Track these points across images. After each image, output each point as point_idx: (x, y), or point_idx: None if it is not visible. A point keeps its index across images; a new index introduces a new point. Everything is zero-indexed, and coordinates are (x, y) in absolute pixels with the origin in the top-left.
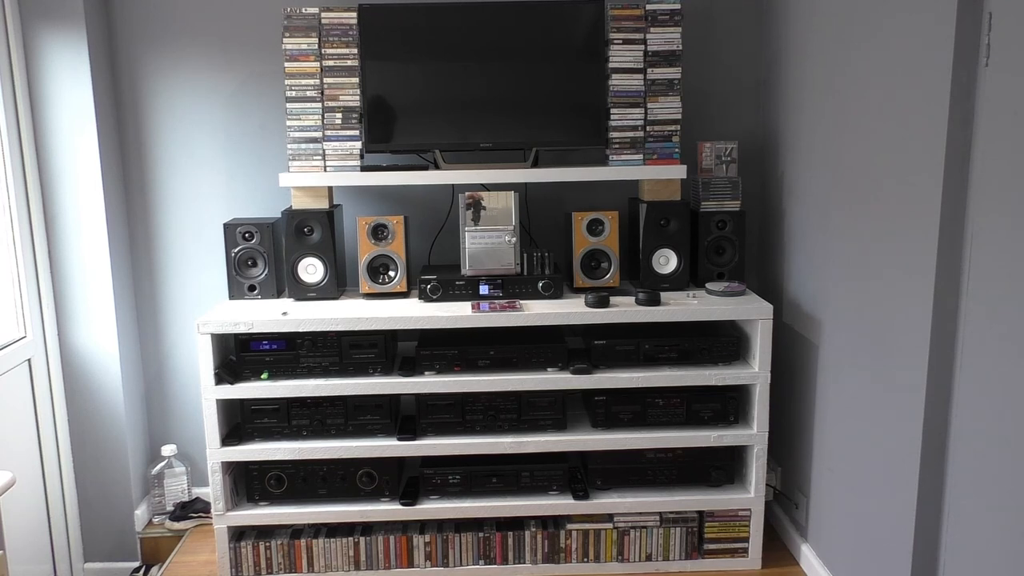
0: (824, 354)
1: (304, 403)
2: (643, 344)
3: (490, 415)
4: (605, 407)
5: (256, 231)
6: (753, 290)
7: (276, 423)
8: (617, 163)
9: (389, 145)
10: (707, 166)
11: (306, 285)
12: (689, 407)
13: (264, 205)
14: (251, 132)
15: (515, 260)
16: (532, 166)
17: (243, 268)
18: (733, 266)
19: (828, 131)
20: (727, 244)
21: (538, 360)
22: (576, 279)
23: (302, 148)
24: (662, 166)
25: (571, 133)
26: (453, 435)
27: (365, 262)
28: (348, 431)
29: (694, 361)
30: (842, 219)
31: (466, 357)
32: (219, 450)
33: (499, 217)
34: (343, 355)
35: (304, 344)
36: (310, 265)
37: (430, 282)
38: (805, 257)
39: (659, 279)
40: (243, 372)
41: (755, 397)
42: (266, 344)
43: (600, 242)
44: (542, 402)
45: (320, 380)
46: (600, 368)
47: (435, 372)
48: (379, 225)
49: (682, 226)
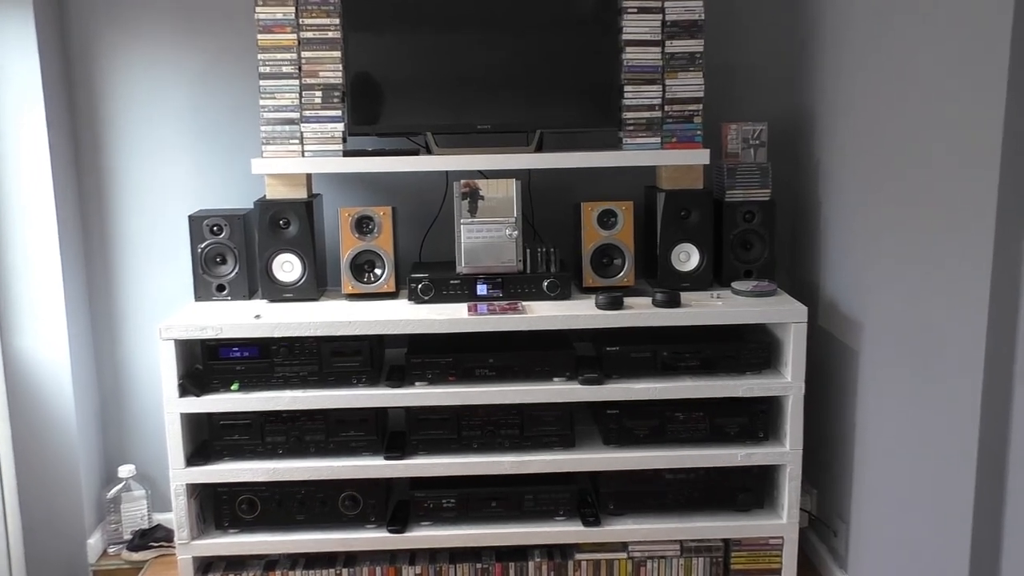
0: (866, 362)
1: (280, 417)
2: (661, 351)
3: (489, 431)
4: (618, 422)
5: (225, 224)
6: (785, 290)
7: (248, 440)
8: (632, 147)
9: (375, 127)
10: (733, 150)
11: (282, 285)
12: (713, 422)
13: (234, 195)
14: (220, 113)
15: (517, 256)
16: (536, 150)
17: (211, 266)
18: (762, 263)
19: (871, 112)
20: (755, 238)
21: (543, 369)
22: (585, 278)
23: (277, 131)
24: (682, 150)
25: (580, 113)
26: (447, 453)
27: (348, 259)
28: (329, 449)
29: (719, 370)
30: (887, 210)
31: (462, 366)
32: (183, 471)
33: (499, 208)
34: (323, 363)
35: (279, 351)
36: (286, 262)
37: (421, 281)
38: (844, 253)
39: (679, 277)
40: (211, 383)
41: (787, 411)
42: (237, 351)
43: (612, 236)
44: (547, 416)
45: (297, 392)
46: (613, 378)
47: (427, 382)
48: (364, 217)
49: (705, 218)
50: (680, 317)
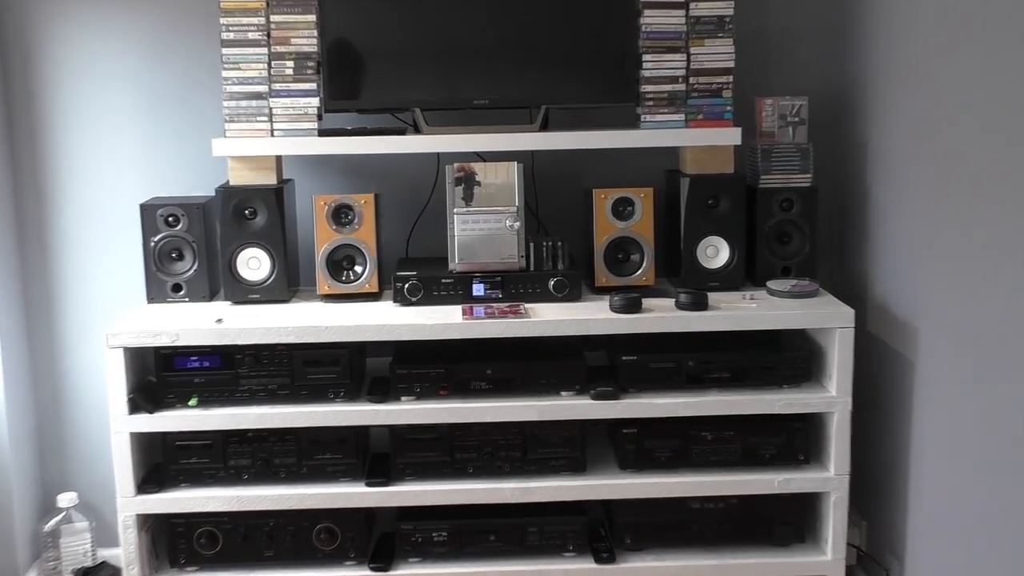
0: (923, 373)
1: (245, 437)
2: (685, 361)
3: (487, 453)
4: (636, 442)
5: (182, 214)
6: (828, 290)
7: (208, 464)
8: (651, 125)
9: (355, 102)
10: (768, 129)
11: (248, 284)
12: (746, 443)
13: (193, 180)
14: (177, 86)
15: (519, 251)
16: (540, 129)
17: (165, 262)
18: (802, 259)
19: (930, 84)
20: (794, 230)
21: (549, 381)
22: (598, 276)
23: (242, 106)
24: (710, 129)
25: (591, 86)
26: (439, 479)
27: (324, 254)
28: (302, 474)
29: (752, 382)
30: (947, 199)
31: (455, 377)
32: (133, 499)
33: (498, 195)
34: (295, 375)
35: (245, 361)
36: (253, 258)
37: (408, 280)
38: (898, 247)
39: (706, 275)
40: (165, 397)
41: (832, 429)
42: (196, 361)
43: (629, 228)
44: (554, 436)
45: (265, 408)
46: (629, 392)
47: (415, 397)
48: (342, 206)
49: (735, 207)
50: (707, 321)
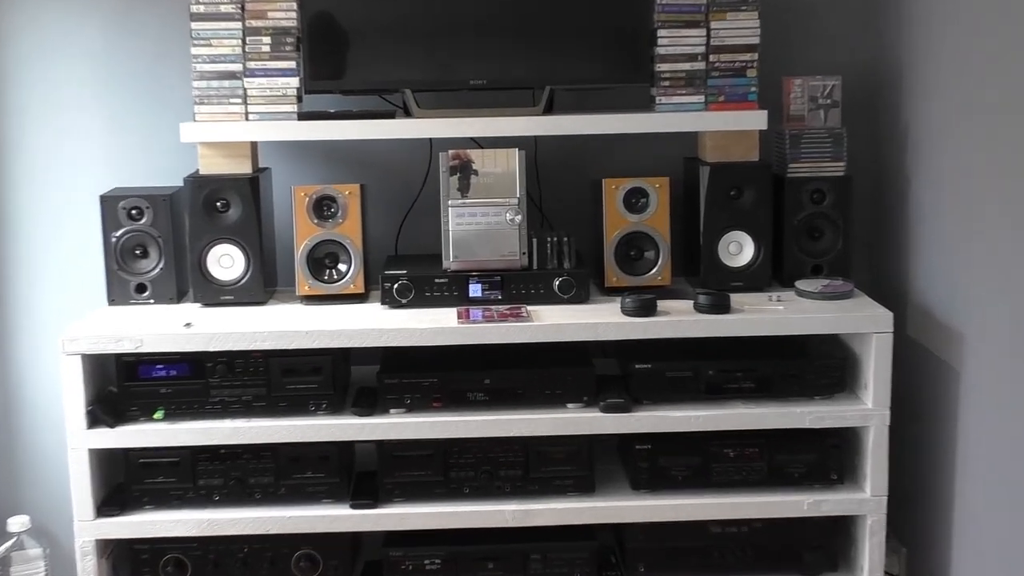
0: (969, 383)
1: (217, 454)
2: (705, 369)
3: (485, 472)
4: (650, 460)
5: (147, 206)
6: (863, 291)
7: (176, 483)
8: (667, 108)
9: (339, 83)
10: (797, 112)
11: (219, 284)
12: (772, 460)
13: (159, 169)
14: (141, 64)
15: (520, 248)
16: (544, 112)
17: (129, 260)
18: (834, 256)
19: (979, 62)
20: (826, 224)
21: (554, 392)
22: (608, 275)
23: (214, 87)
24: (732, 112)
25: (600, 65)
26: (431, 501)
27: (304, 251)
28: (280, 495)
29: (779, 394)
30: (1000, 190)
31: (450, 387)
32: (92, 523)
33: (497, 186)
34: (273, 385)
35: (217, 369)
36: (225, 255)
37: (398, 280)
38: (942, 243)
39: (728, 274)
40: (128, 410)
41: (868, 446)
42: (162, 369)
43: (643, 222)
44: (559, 453)
45: (239, 421)
46: (643, 403)
47: (405, 410)
48: (324, 198)
49: (761, 198)
50: (730, 326)
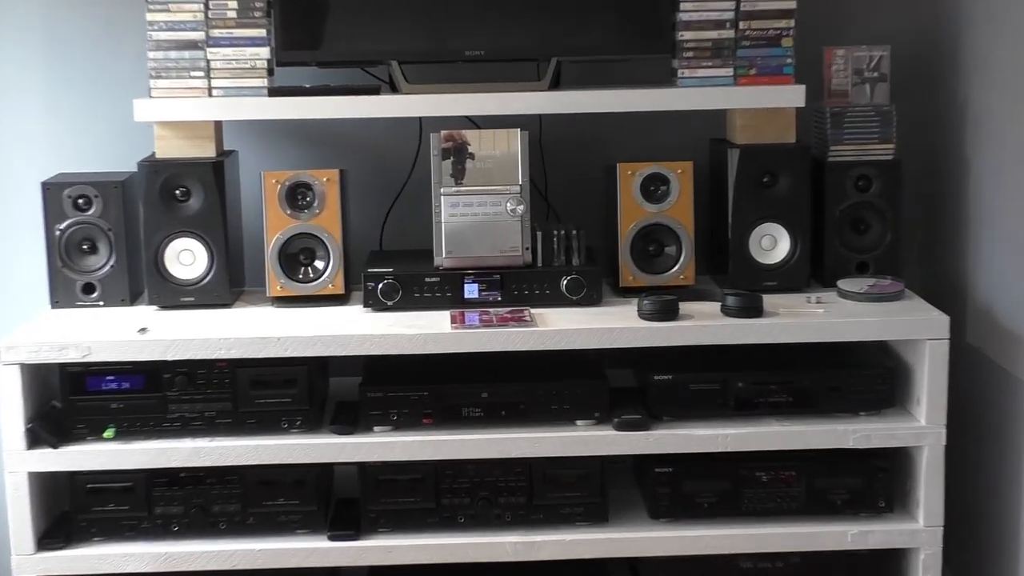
0: None
1: (175, 478)
2: (734, 381)
3: (482, 498)
4: (672, 485)
5: (96, 195)
6: (915, 291)
7: (128, 512)
8: (691, 82)
9: (315, 53)
10: (839, 87)
11: (179, 284)
12: (811, 485)
13: (109, 152)
14: (88, 32)
15: (522, 243)
16: (550, 88)
17: (75, 256)
18: (882, 252)
19: None
20: (873, 215)
21: (561, 407)
22: (623, 273)
23: (171, 58)
24: (766, 87)
25: (614, 33)
26: (421, 531)
27: (276, 246)
28: (248, 525)
29: (819, 409)
30: None
31: (442, 402)
32: (33, 557)
33: (497, 172)
34: (240, 399)
35: (176, 381)
36: (185, 251)
37: (383, 279)
38: (1006, 237)
39: (760, 273)
40: (74, 428)
41: (921, 468)
42: (113, 381)
43: (663, 212)
44: (567, 476)
45: (202, 441)
46: (663, 420)
47: (391, 427)
48: (299, 185)
49: (798, 186)
50: (762, 331)
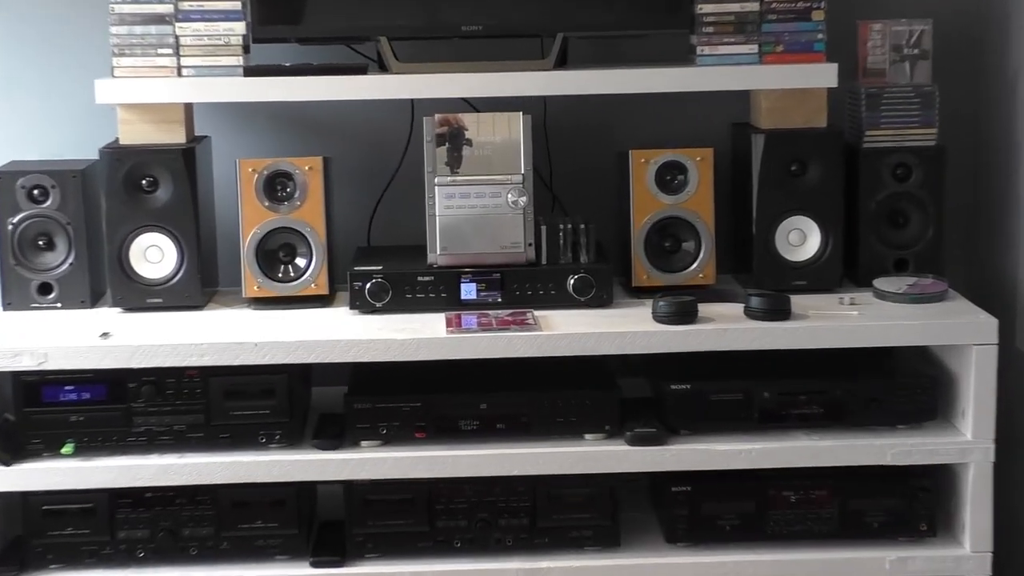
0: None
1: (141, 499)
2: (759, 391)
3: (481, 521)
4: (690, 506)
5: (53, 185)
6: (960, 291)
7: (89, 536)
8: (711, 60)
9: (296, 28)
10: (876, 65)
11: (145, 283)
12: (844, 507)
13: (67, 138)
14: (45, 6)
15: (525, 238)
16: (556, 66)
17: (29, 253)
18: (923, 247)
19: None
20: (913, 207)
21: (568, 419)
22: (637, 271)
23: (136, 34)
24: (794, 65)
25: (625, 7)
26: (413, 557)
27: (253, 242)
28: (221, 549)
29: (853, 422)
30: None
31: (437, 414)
32: None
33: (496, 159)
34: (212, 411)
35: (142, 392)
36: (152, 247)
37: (371, 278)
38: None
39: (787, 271)
40: (28, 443)
41: (967, 488)
42: (72, 392)
43: (680, 204)
44: (575, 496)
45: (171, 457)
46: (681, 434)
47: (379, 442)
48: (278, 174)
49: (829, 175)
50: (790, 336)
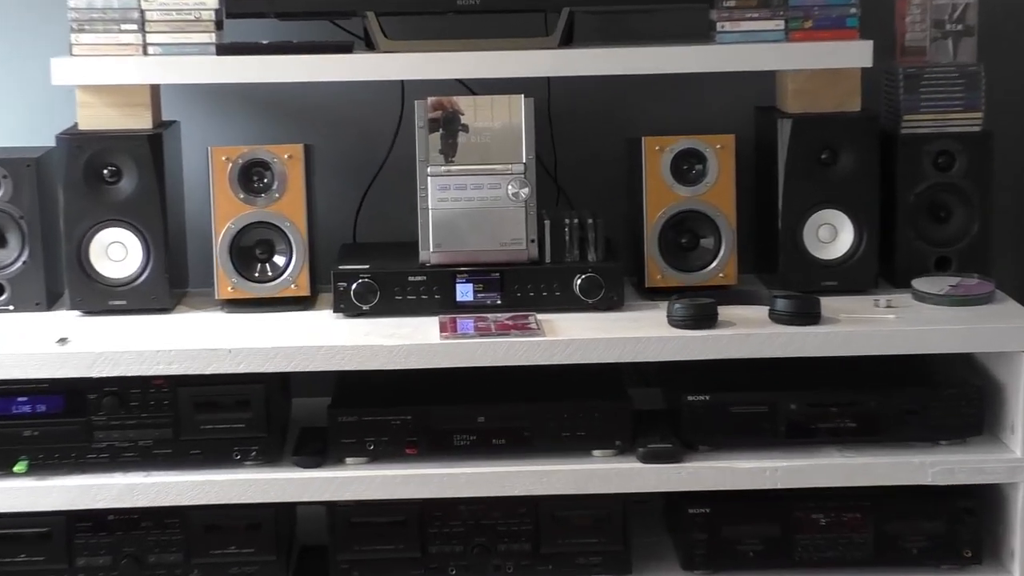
0: None
1: (103, 522)
2: (786, 403)
3: (478, 546)
4: (709, 530)
5: (4, 176)
6: (1007, 292)
7: (45, 563)
8: (732, 37)
9: (274, 3)
10: (915, 43)
11: (107, 284)
12: (881, 530)
13: (21, 124)
14: None
15: (527, 234)
16: (562, 44)
17: None
18: (968, 244)
19: None
20: (955, 200)
21: (574, 434)
22: (650, 271)
23: (98, 8)
24: (825, 42)
25: None
26: None
27: (227, 238)
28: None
29: (890, 437)
30: None
31: (429, 428)
32: None
33: (495, 147)
34: (182, 425)
35: (103, 404)
36: (116, 243)
37: (357, 278)
38: None
39: (818, 270)
40: None
41: (1016, 510)
42: (25, 404)
43: (698, 197)
44: (582, 519)
45: (136, 476)
46: (699, 450)
47: (366, 459)
48: (254, 163)
49: (864, 164)
50: (820, 342)
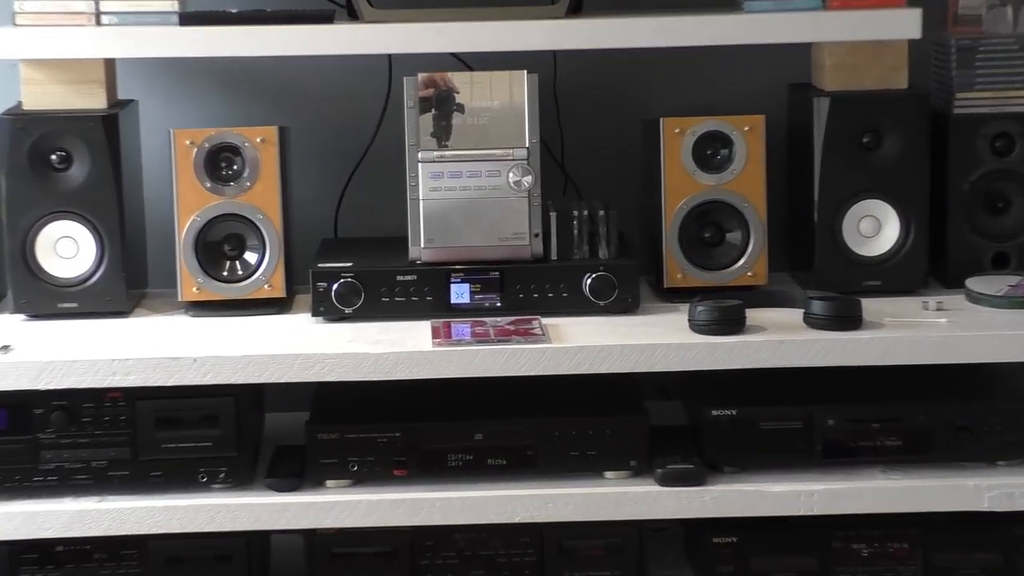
0: None
1: (50, 553)
2: (823, 418)
3: None
4: (736, 561)
5: None
6: None
7: None
8: (762, 7)
9: None
10: (969, 11)
11: (56, 284)
12: (930, 562)
13: None
14: None
15: (530, 227)
16: (569, 15)
17: None
18: None
19: None
20: (1015, 189)
21: (584, 453)
22: (669, 269)
23: None
24: (866, 11)
25: None
26: None
27: (192, 232)
28: None
29: (941, 457)
30: None
31: (421, 446)
32: None
33: (494, 130)
34: (141, 444)
35: (51, 420)
36: (65, 238)
37: (339, 278)
38: None
39: (859, 268)
40: None
41: None
42: None
43: (724, 186)
44: (593, 548)
45: (88, 501)
46: (724, 472)
47: (350, 481)
48: (223, 148)
49: (911, 148)
50: (861, 349)
